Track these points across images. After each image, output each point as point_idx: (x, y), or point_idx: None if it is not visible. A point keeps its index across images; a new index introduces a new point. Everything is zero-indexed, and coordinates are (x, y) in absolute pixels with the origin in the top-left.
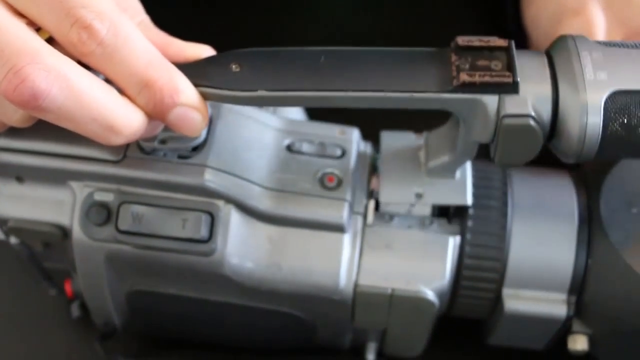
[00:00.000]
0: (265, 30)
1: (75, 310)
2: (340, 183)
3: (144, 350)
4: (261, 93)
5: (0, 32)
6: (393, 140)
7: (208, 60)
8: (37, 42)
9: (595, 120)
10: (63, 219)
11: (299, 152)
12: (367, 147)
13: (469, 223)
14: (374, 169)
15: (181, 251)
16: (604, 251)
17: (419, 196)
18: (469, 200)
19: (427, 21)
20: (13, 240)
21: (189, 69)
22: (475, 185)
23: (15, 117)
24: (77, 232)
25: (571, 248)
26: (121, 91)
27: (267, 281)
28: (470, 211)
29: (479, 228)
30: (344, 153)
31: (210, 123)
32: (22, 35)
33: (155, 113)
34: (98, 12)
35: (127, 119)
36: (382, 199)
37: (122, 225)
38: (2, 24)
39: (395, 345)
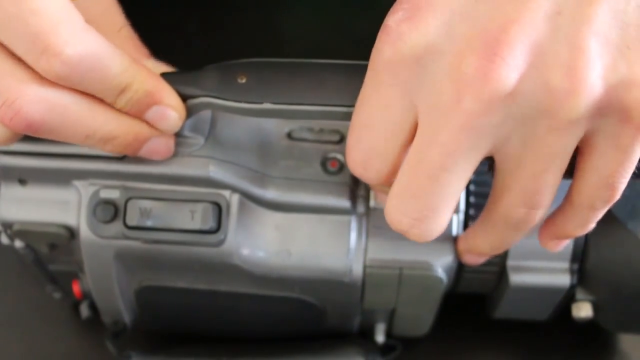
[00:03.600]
0: (263, 30)
1: (84, 311)
2: (342, 167)
3: (155, 347)
4: (266, 106)
5: None
6: None
7: (214, 69)
8: (24, 73)
9: None
10: (69, 219)
11: (300, 139)
12: None
13: (472, 199)
14: None
15: (191, 243)
16: (603, 218)
17: None
18: (461, 207)
19: None
20: (18, 244)
21: (195, 78)
22: None
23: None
24: (84, 231)
25: None
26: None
27: (277, 268)
28: (472, 187)
29: (481, 203)
30: (344, 137)
31: (212, 115)
32: (8, 67)
33: (134, 113)
34: (66, 40)
35: (119, 129)
36: (379, 204)
37: (131, 221)
38: None
39: (403, 325)
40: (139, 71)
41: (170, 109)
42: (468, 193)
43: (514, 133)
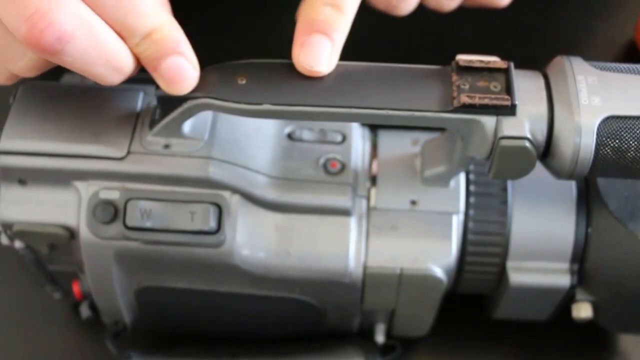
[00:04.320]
0: (263, 31)
1: (84, 311)
2: (343, 168)
3: (155, 347)
4: (266, 107)
5: None
6: (390, 142)
7: (214, 70)
8: None
9: (588, 143)
10: (69, 220)
11: (300, 140)
12: (365, 131)
13: (471, 199)
14: (374, 153)
15: (190, 244)
16: (603, 219)
17: (413, 203)
18: (461, 208)
19: (429, 20)
20: (18, 244)
21: None
22: (475, 162)
23: (20, 63)
24: (84, 232)
25: (571, 217)
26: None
27: (277, 269)
28: (472, 187)
29: (481, 204)
30: (344, 138)
31: (212, 115)
32: None
33: (151, 60)
34: None
35: (128, 60)
36: (379, 204)
37: (130, 222)
38: None
39: (403, 325)
40: (169, 17)
41: (188, 62)
42: (468, 193)
43: None
